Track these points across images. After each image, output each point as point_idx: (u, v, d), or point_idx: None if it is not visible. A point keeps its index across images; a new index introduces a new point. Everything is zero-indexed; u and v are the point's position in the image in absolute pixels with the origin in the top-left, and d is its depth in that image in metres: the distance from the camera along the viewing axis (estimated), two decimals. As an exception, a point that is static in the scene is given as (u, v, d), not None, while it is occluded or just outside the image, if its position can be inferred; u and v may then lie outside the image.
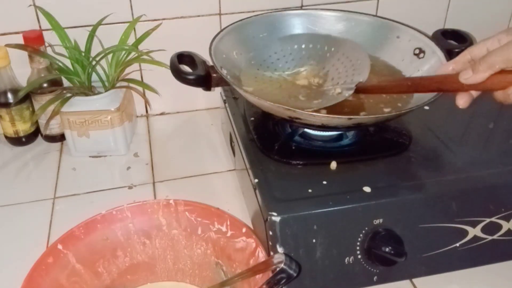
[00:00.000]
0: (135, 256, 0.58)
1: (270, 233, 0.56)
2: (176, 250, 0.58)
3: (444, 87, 0.56)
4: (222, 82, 0.68)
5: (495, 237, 0.61)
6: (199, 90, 0.70)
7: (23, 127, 0.83)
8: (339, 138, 0.69)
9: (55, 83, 0.82)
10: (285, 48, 0.76)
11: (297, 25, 0.80)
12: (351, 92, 0.65)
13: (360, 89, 0.65)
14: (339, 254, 0.57)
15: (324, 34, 0.78)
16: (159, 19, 0.85)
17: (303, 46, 0.75)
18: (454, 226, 0.59)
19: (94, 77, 0.80)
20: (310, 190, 0.59)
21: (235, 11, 0.87)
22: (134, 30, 0.84)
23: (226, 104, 0.78)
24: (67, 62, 0.79)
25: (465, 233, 0.60)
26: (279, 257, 0.47)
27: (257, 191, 0.60)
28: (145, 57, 0.81)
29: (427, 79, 0.62)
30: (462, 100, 0.54)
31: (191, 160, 0.81)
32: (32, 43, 0.77)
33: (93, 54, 0.79)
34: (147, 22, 0.84)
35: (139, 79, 0.89)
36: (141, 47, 0.82)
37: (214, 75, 0.68)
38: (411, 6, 0.94)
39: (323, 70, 0.72)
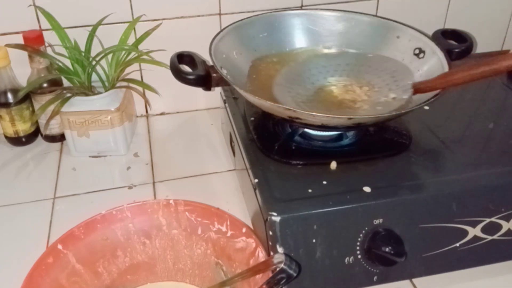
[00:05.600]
0: (135, 256, 0.58)
1: (270, 233, 0.56)
2: (176, 250, 0.58)
3: None
4: (222, 82, 0.68)
5: (495, 237, 0.61)
6: (199, 90, 0.70)
7: (23, 127, 0.83)
8: (339, 138, 0.69)
9: (55, 83, 0.81)
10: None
11: (297, 25, 0.80)
12: (409, 93, 0.63)
13: (418, 89, 0.63)
14: (339, 254, 0.57)
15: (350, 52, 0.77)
16: (159, 19, 0.85)
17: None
18: (454, 226, 0.59)
19: (94, 77, 0.80)
20: (310, 190, 0.59)
21: (235, 11, 0.87)
22: (134, 30, 0.84)
23: (226, 104, 0.78)
24: (67, 62, 0.79)
25: (465, 233, 0.60)
26: (279, 257, 0.47)
27: (257, 191, 0.60)
28: (145, 57, 0.81)
29: (497, 56, 0.56)
30: None
31: (191, 160, 0.81)
32: (32, 43, 0.77)
33: (93, 54, 0.79)
34: (147, 22, 0.84)
35: (139, 79, 0.89)
36: (141, 47, 0.82)
37: (214, 75, 0.68)
38: (411, 6, 0.94)
39: (364, 82, 0.71)
